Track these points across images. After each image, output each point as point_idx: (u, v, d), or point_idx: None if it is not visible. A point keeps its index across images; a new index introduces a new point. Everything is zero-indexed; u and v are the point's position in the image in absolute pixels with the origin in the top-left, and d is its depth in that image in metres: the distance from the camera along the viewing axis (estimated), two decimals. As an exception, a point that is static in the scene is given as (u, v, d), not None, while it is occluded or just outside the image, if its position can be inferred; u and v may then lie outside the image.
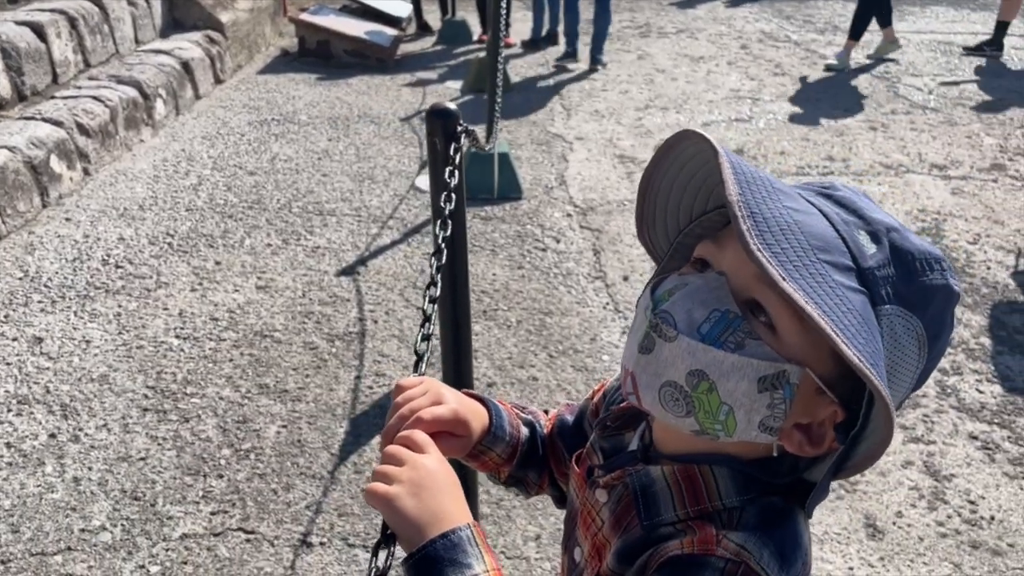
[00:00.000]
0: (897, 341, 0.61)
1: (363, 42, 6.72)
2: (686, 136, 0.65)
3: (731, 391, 0.62)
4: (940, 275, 0.63)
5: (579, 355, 2.89)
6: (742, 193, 0.59)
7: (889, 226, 0.63)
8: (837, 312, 0.57)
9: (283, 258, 3.52)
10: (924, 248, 0.63)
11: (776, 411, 0.62)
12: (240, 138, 4.95)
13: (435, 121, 1.27)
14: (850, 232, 0.62)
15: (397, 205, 4.10)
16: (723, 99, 5.93)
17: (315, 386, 2.68)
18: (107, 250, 3.52)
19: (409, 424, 0.74)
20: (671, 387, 0.64)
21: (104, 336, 2.90)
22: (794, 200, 0.62)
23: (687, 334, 0.62)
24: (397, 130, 5.21)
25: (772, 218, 0.59)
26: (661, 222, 0.74)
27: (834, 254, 0.60)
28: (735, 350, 0.61)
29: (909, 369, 0.63)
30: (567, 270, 3.49)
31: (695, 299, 0.63)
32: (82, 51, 4.81)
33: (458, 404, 0.80)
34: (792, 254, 0.58)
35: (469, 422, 0.80)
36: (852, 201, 0.65)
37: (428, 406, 0.76)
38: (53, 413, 2.51)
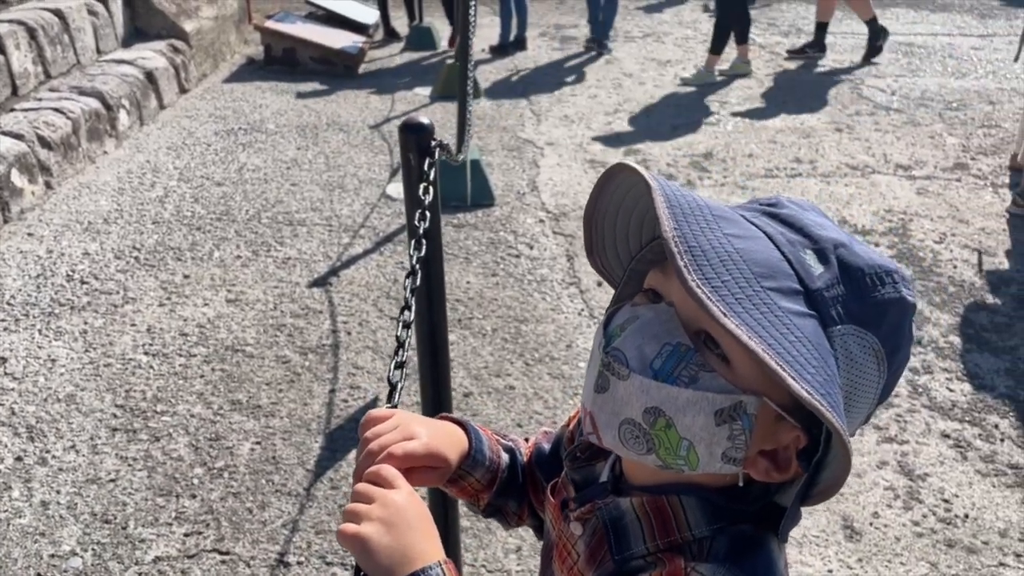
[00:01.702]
0: (853, 361, 0.61)
1: (330, 49, 6.66)
2: (622, 168, 0.64)
3: (689, 426, 0.61)
4: (892, 288, 0.62)
5: (555, 362, 2.88)
6: (678, 227, 0.58)
7: (837, 242, 0.62)
8: (784, 343, 0.55)
9: (253, 270, 3.47)
10: (875, 262, 0.62)
11: (737, 442, 0.62)
12: (207, 148, 4.88)
13: (408, 136, 1.25)
14: (796, 253, 0.61)
15: (368, 214, 4.07)
16: (690, 102, 5.97)
17: (289, 401, 2.65)
18: (72, 265, 3.44)
19: (379, 460, 0.72)
20: (630, 425, 0.63)
21: (70, 354, 2.84)
22: (736, 225, 0.61)
23: (640, 372, 0.62)
24: (367, 138, 5.17)
25: (711, 249, 0.58)
26: (612, 248, 0.73)
27: (779, 279, 0.59)
28: (689, 384, 0.60)
29: (869, 386, 0.63)
30: (541, 276, 3.48)
31: (646, 333, 0.63)
32: (42, 62, 4.70)
33: (430, 437, 0.77)
34: (734, 285, 0.57)
35: (444, 454, 0.79)
36: (797, 219, 0.64)
37: (399, 441, 0.74)
38: (19, 435, 2.44)
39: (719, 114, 5.67)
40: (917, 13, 9.51)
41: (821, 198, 4.24)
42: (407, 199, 1.33)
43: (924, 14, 9.45)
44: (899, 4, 10.11)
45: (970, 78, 6.63)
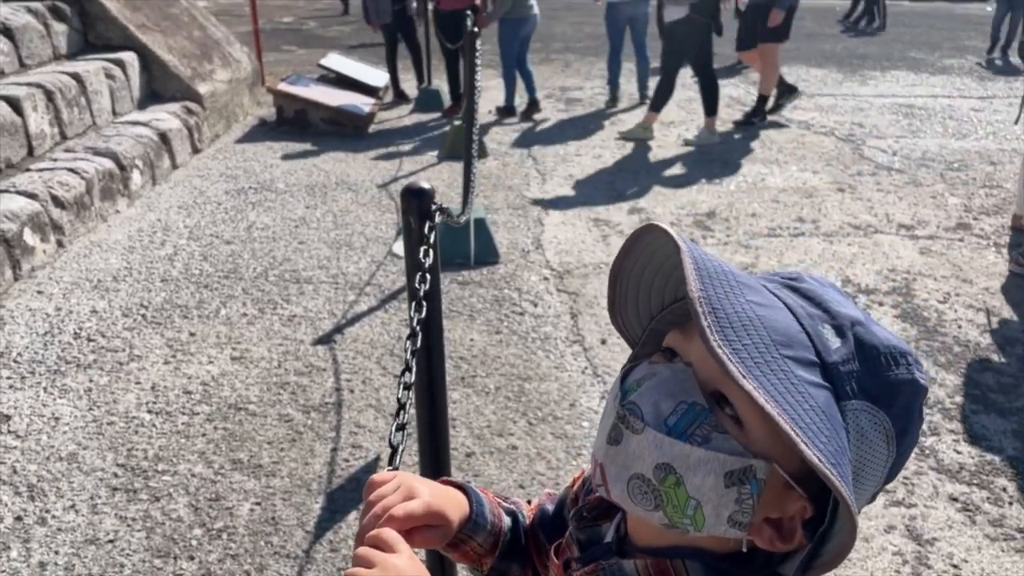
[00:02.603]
0: (864, 437, 0.61)
1: (340, 111, 6.82)
2: (651, 229, 0.66)
3: (698, 486, 0.62)
4: (906, 369, 0.63)
5: (559, 422, 2.87)
6: (703, 288, 0.59)
7: (854, 320, 0.64)
8: (799, 410, 0.57)
9: (259, 328, 3.49)
10: (890, 342, 0.64)
11: (744, 506, 0.62)
12: (217, 207, 4.96)
13: (410, 200, 1.28)
14: (814, 326, 0.62)
15: (374, 271, 4.11)
16: (693, 162, 6.06)
17: (290, 460, 2.63)
18: (79, 323, 3.48)
19: (382, 522, 0.72)
20: (639, 480, 0.64)
21: (74, 412, 2.84)
22: (758, 293, 0.63)
23: (654, 427, 0.63)
24: (374, 197, 5.26)
25: (734, 313, 0.59)
26: (633, 307, 0.74)
27: (797, 349, 0.60)
28: (702, 444, 0.61)
29: (878, 464, 0.63)
30: (545, 334, 3.49)
31: (662, 391, 0.64)
32: (59, 123, 4.83)
33: (431, 496, 0.78)
34: (754, 350, 0.58)
35: (445, 513, 0.79)
36: (817, 294, 0.66)
37: (400, 502, 0.75)
38: (20, 494, 2.43)
39: (722, 174, 5.75)
40: (917, 76, 9.70)
41: (824, 257, 4.27)
42: (407, 262, 1.35)
43: (924, 76, 9.63)
44: (899, 67, 10.32)
45: (971, 139, 6.72)
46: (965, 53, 11.51)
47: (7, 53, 4.96)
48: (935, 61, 10.78)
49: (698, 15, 6.02)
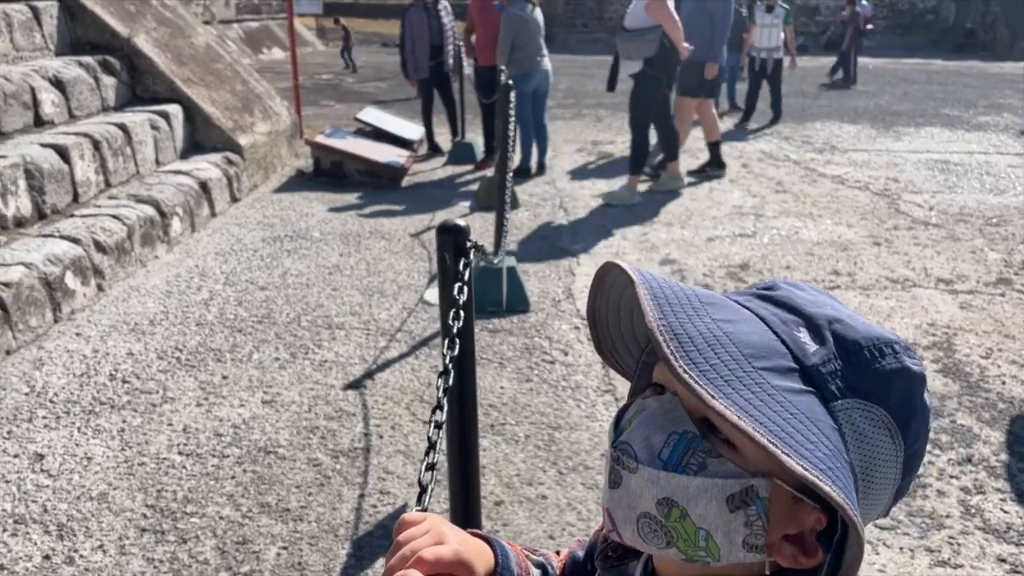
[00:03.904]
0: (863, 435, 0.59)
1: (375, 163, 6.97)
2: (610, 268, 0.66)
3: (703, 515, 0.60)
4: (894, 359, 0.61)
5: (590, 472, 2.81)
6: (663, 316, 0.59)
7: (831, 318, 0.62)
8: (777, 420, 0.55)
9: (290, 372, 3.51)
10: (872, 333, 0.62)
11: (755, 528, 0.60)
12: (253, 254, 5.05)
13: (445, 237, 1.29)
14: (789, 332, 0.61)
15: (405, 318, 4.13)
16: (726, 215, 6.05)
17: (318, 505, 2.61)
18: (115, 365, 3.52)
19: (409, 564, 0.71)
20: (647, 519, 0.62)
21: (106, 452, 2.86)
22: (725, 310, 0.62)
23: (648, 463, 0.61)
24: (407, 245, 5.31)
25: (699, 335, 0.58)
26: (622, 345, 0.74)
27: (772, 358, 0.59)
28: (698, 472, 0.60)
29: (887, 461, 0.61)
30: (576, 383, 3.46)
31: (652, 424, 0.63)
32: (104, 172, 4.99)
33: (460, 544, 0.76)
34: (723, 368, 0.57)
35: (472, 563, 0.77)
36: (790, 299, 0.65)
37: (429, 545, 0.73)
38: (49, 533, 2.43)
39: (755, 227, 5.72)
40: (952, 132, 9.66)
41: (861, 310, 4.19)
42: (441, 299, 1.35)
43: (959, 133, 9.59)
44: (934, 123, 10.30)
45: (1009, 194, 6.64)
46: (1001, 111, 11.46)
47: (58, 104, 5.16)
48: (970, 118, 10.74)
49: (650, 69, 6.02)
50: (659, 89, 6.16)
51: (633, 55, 6.04)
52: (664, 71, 6.08)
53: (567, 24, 23.72)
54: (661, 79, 6.10)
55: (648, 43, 5.90)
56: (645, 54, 5.94)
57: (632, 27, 5.98)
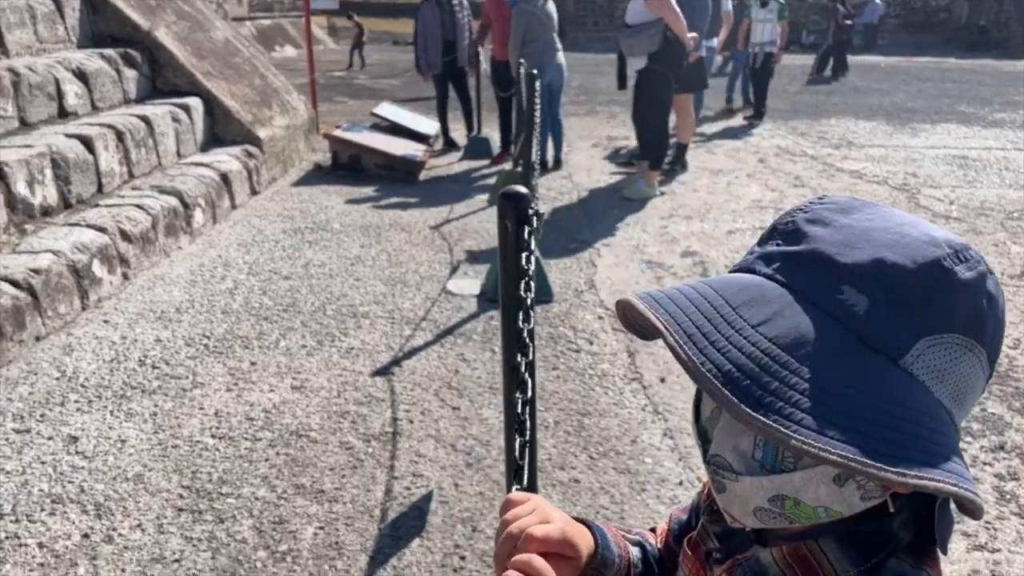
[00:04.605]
0: (943, 371, 0.57)
1: (393, 157, 6.98)
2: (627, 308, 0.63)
3: (815, 497, 0.60)
4: (947, 278, 0.57)
5: (620, 457, 2.81)
6: (703, 355, 0.56)
7: (871, 261, 0.57)
8: (859, 425, 0.53)
9: (318, 359, 3.52)
10: (921, 259, 0.57)
11: (868, 487, 0.59)
12: (275, 245, 5.07)
13: (507, 204, 1.29)
14: (832, 299, 0.57)
15: (429, 308, 4.13)
16: (745, 208, 6.04)
17: (352, 487, 2.62)
18: (144, 351, 3.54)
19: (521, 543, 0.71)
20: (763, 511, 0.63)
21: (139, 435, 2.87)
22: (759, 306, 0.58)
23: (747, 472, 0.61)
24: (427, 237, 5.32)
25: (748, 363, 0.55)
26: None
27: (826, 345, 0.55)
28: (796, 467, 0.59)
29: (974, 375, 0.59)
30: (602, 371, 3.46)
31: (734, 431, 0.62)
32: (127, 163, 5.01)
33: (565, 524, 0.76)
34: (784, 391, 0.54)
35: (577, 543, 0.77)
36: (819, 251, 0.59)
37: (536, 524, 0.73)
38: (87, 512, 2.45)
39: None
40: (969, 128, 9.61)
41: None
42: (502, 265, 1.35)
43: (976, 129, 9.55)
44: (950, 120, 10.26)
45: (1028, 188, 6.60)
46: (1017, 108, 11.40)
47: (81, 96, 5.19)
48: (986, 115, 10.69)
49: (656, 65, 5.93)
50: (666, 84, 6.03)
51: (636, 52, 5.95)
52: (670, 65, 5.98)
53: (577, 22, 23.72)
54: (667, 74, 5.99)
55: (650, 38, 5.82)
56: (648, 49, 5.85)
57: (633, 23, 5.91)
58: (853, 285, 0.57)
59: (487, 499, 2.57)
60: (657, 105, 6.20)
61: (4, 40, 4.94)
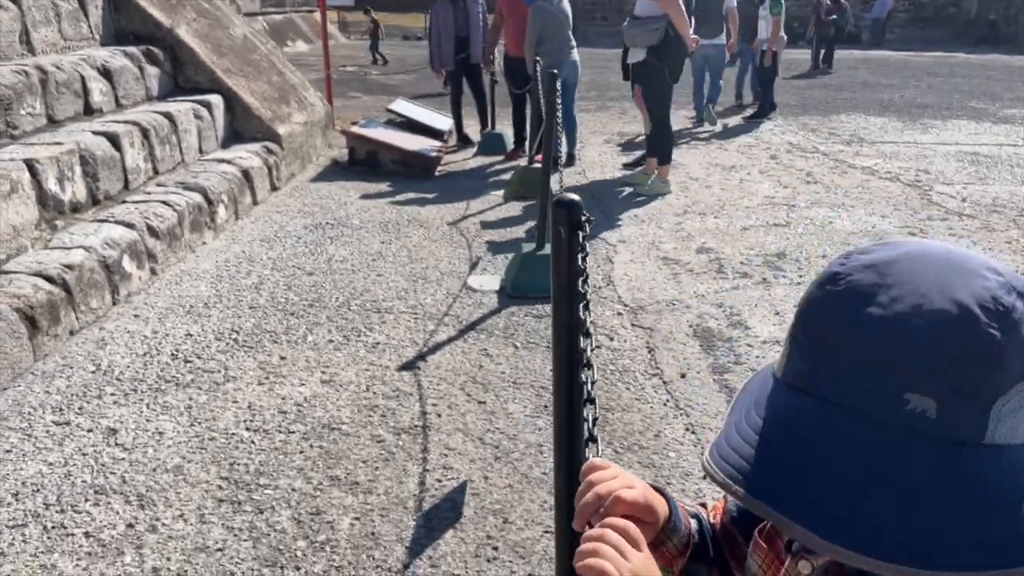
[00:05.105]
0: (1019, 427, 0.55)
1: (409, 153, 7.04)
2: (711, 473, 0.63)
3: None
4: (1003, 332, 0.54)
5: (645, 451, 2.88)
6: (801, 519, 0.55)
7: (923, 348, 0.54)
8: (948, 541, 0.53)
9: (345, 353, 3.59)
10: (975, 328, 0.54)
11: None
12: (297, 241, 5.14)
13: (560, 210, 1.36)
14: (901, 412, 0.54)
15: (451, 303, 4.20)
16: (759, 205, 6.09)
17: (385, 479, 2.69)
18: (175, 345, 3.62)
19: (609, 504, 0.75)
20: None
21: (176, 428, 2.95)
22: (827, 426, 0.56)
23: None
24: (445, 233, 5.39)
25: (829, 501, 0.54)
26: None
27: (911, 465, 0.54)
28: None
29: None
30: (623, 367, 3.52)
31: None
32: (152, 159, 5.09)
33: (645, 490, 0.80)
34: (890, 537, 0.53)
35: (657, 509, 0.80)
36: (871, 365, 0.55)
37: (622, 488, 0.77)
38: (130, 503, 2.53)
39: (789, 216, 5.76)
40: (979, 124, 9.63)
41: (901, 298, 4.23)
42: (554, 271, 1.42)
43: (986, 126, 9.56)
44: (960, 116, 10.27)
45: (1041, 185, 6.63)
46: (1027, 103, 11.39)
47: (106, 93, 5.26)
48: (997, 111, 10.70)
49: (653, 58, 6.03)
50: (660, 78, 6.12)
51: (638, 43, 6.06)
52: (667, 61, 6.06)
53: (586, 17, 23.70)
54: (663, 69, 6.08)
55: (653, 32, 5.91)
56: (648, 43, 5.95)
57: (640, 15, 6.02)
58: (915, 390, 0.54)
59: (516, 491, 2.64)
60: (654, 99, 6.28)
61: (30, 38, 5.01)
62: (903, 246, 0.60)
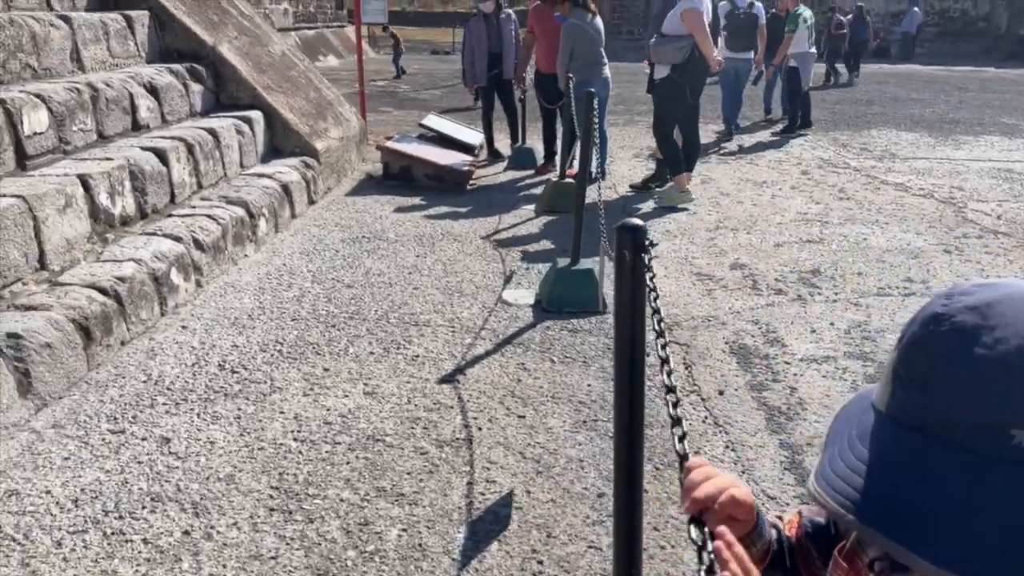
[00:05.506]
0: None
1: (442, 167, 7.14)
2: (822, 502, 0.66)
3: None
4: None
5: (685, 467, 2.91)
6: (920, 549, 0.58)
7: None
8: None
9: (386, 366, 3.67)
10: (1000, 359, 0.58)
11: None
12: (335, 254, 5.24)
13: (624, 235, 1.42)
14: (1009, 446, 0.58)
15: (487, 317, 4.26)
16: (791, 221, 6.10)
17: (430, 491, 2.75)
18: (223, 356, 3.72)
19: (724, 499, 0.81)
20: None
21: (227, 437, 3.04)
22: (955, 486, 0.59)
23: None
24: (479, 247, 5.46)
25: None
26: None
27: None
28: None
29: None
30: (660, 383, 3.55)
31: None
32: (196, 174, 5.22)
33: (747, 491, 0.85)
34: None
35: (753, 511, 0.86)
36: (981, 408, 0.59)
37: (735, 487, 0.82)
38: (185, 511, 2.61)
39: (822, 233, 5.76)
40: (1012, 141, 9.55)
41: (938, 317, 4.22)
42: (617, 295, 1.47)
43: (1019, 142, 9.48)
44: (993, 132, 10.19)
45: (1078, 203, 6.57)
46: (1062, 119, 11.28)
47: (152, 110, 5.41)
48: (1031, 126, 10.60)
49: (676, 75, 6.22)
50: (682, 95, 6.30)
51: (662, 60, 6.26)
52: (689, 79, 6.24)
53: (613, 31, 23.79)
54: (684, 86, 6.26)
55: (678, 50, 6.11)
56: (673, 60, 6.16)
57: (667, 33, 6.15)
58: (1021, 427, 0.58)
59: (559, 506, 2.69)
60: (671, 113, 6.43)
61: (80, 56, 5.18)
62: (1004, 287, 0.64)
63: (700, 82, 6.37)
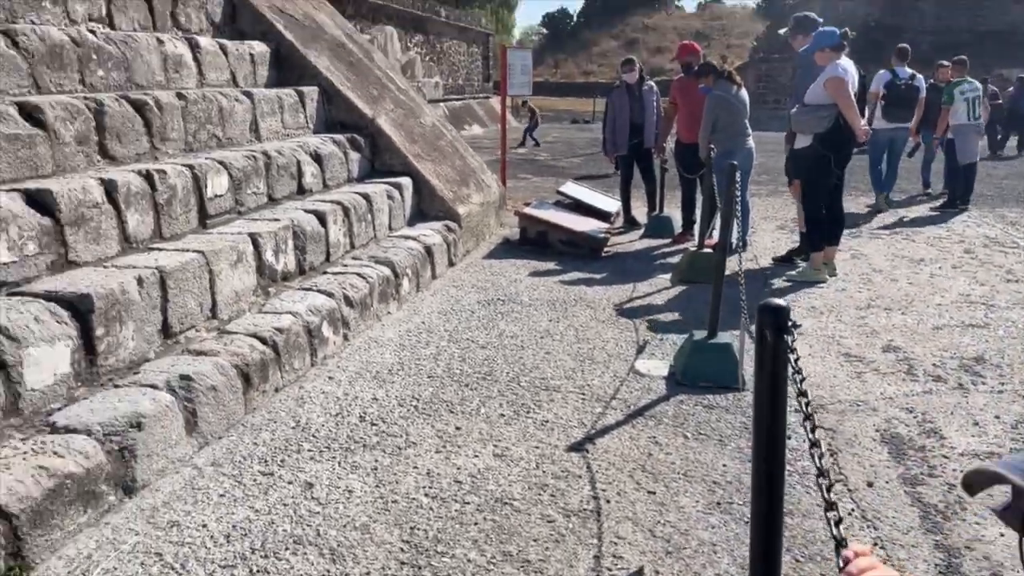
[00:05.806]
0: None
1: (577, 233, 7.25)
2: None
3: None
4: None
5: (828, 563, 2.73)
6: None
7: None
8: None
9: (516, 429, 3.71)
10: None
11: None
12: (471, 315, 5.40)
13: (766, 315, 1.40)
14: None
15: (618, 387, 4.23)
16: (952, 303, 5.70)
17: (556, 560, 2.73)
18: (363, 408, 3.89)
19: None
20: None
21: (364, 487, 3.16)
22: None
23: None
24: (612, 315, 5.46)
25: None
26: None
27: None
28: None
29: None
30: (802, 469, 3.38)
31: None
32: (350, 235, 5.59)
33: None
34: None
35: None
36: None
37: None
38: (323, 556, 2.72)
39: (988, 317, 5.34)
40: None
41: None
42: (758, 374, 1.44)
43: None
44: None
45: None
46: None
47: (316, 176, 5.88)
48: None
49: (819, 145, 5.97)
50: (825, 166, 6.06)
51: (805, 130, 6.08)
52: (833, 148, 6.00)
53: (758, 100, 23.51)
54: (828, 157, 6.03)
55: (822, 119, 5.94)
56: (816, 129, 5.97)
57: (810, 103, 5.99)
58: None
59: (689, 588, 2.59)
60: (814, 186, 6.19)
61: (259, 127, 5.73)
62: None
63: (845, 152, 6.15)
